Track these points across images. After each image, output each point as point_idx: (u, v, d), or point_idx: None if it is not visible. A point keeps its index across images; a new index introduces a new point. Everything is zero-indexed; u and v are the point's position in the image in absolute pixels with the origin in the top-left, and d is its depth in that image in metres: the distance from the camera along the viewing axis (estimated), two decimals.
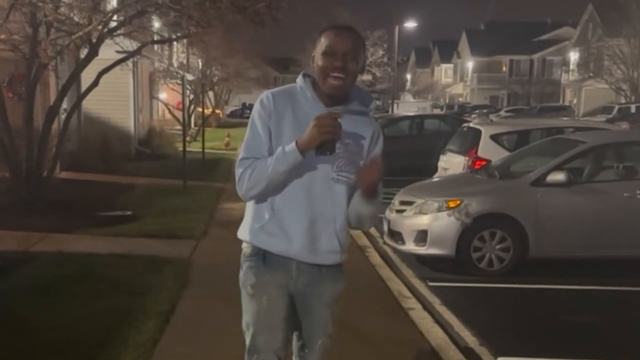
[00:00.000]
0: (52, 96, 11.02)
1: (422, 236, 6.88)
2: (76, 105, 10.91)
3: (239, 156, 2.49)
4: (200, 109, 23.10)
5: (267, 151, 2.43)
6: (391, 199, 7.74)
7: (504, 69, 61.70)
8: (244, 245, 2.60)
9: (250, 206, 2.55)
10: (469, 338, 4.94)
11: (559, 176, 6.82)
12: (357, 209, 2.51)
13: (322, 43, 2.41)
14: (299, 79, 2.52)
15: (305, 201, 2.45)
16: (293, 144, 2.34)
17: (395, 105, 37.77)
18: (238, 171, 2.45)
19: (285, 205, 2.46)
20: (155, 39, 12.18)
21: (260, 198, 2.49)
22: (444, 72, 71.49)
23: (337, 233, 2.53)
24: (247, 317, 2.60)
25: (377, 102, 52.82)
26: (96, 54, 9.37)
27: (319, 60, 2.41)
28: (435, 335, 4.85)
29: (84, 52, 9.57)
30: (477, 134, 10.16)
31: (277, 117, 2.44)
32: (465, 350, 4.67)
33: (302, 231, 2.46)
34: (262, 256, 2.52)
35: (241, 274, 2.59)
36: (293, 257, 2.49)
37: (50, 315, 4.82)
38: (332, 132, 2.29)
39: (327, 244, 2.51)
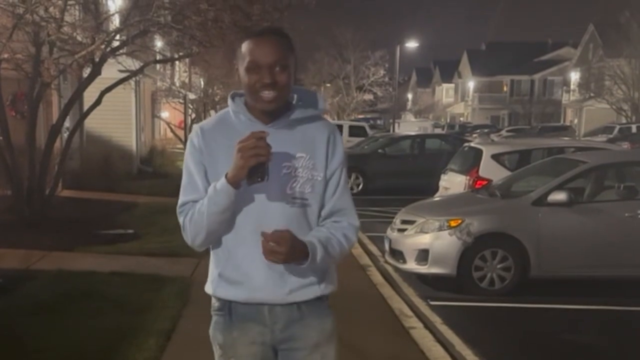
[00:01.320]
0: (55, 115, 11.08)
1: (423, 255, 6.88)
2: (78, 124, 10.96)
3: (178, 204, 2.21)
4: None
5: (205, 191, 2.12)
6: (392, 218, 7.75)
7: (505, 89, 62.01)
8: (212, 297, 2.29)
9: (211, 253, 2.25)
10: (470, 357, 4.93)
11: (560, 196, 6.82)
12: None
13: (244, 56, 2.08)
14: (229, 102, 2.21)
15: (260, 235, 2.04)
16: (223, 179, 2.02)
17: (396, 125, 37.87)
18: (180, 220, 2.18)
19: (238, 245, 2.13)
20: (157, 58, 12.27)
21: (212, 244, 2.19)
22: (445, 92, 71.83)
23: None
24: None
25: (379, 121, 52.79)
26: (99, 73, 9.44)
27: (243, 76, 2.09)
28: (436, 354, 4.83)
29: (86, 71, 9.64)
30: (478, 153, 10.19)
31: (209, 150, 2.13)
32: None
33: (262, 271, 2.10)
34: (227, 310, 2.20)
35: (210, 328, 2.29)
36: (262, 302, 2.14)
37: (51, 334, 4.80)
38: (258, 155, 1.95)
39: (297, 278, 2.13)
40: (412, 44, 38.91)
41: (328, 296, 2.25)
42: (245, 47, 2.08)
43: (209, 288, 2.26)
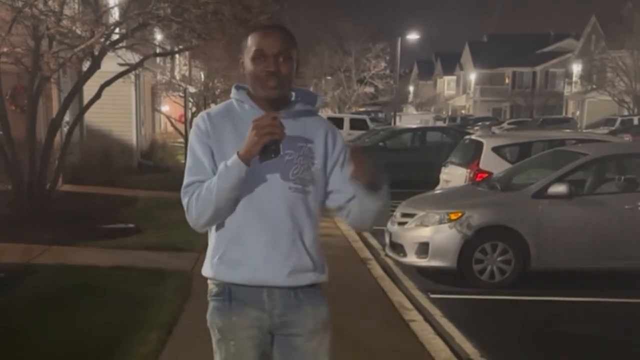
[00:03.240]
0: (55, 109, 11.06)
1: (423, 248, 6.88)
2: (78, 118, 10.96)
3: (183, 185, 2.26)
4: None
5: (212, 172, 2.19)
6: (393, 211, 7.75)
7: (506, 81, 61.87)
8: (208, 281, 2.35)
9: (210, 237, 2.32)
10: (470, 350, 4.94)
11: (560, 188, 6.82)
12: (361, 204, 2.26)
13: (250, 47, 2.20)
14: (233, 93, 2.33)
15: (262, 218, 2.19)
16: (234, 156, 2.10)
17: (397, 118, 37.83)
18: (184, 201, 2.23)
19: (241, 227, 2.21)
20: (157, 51, 12.24)
21: (214, 225, 2.26)
22: (446, 84, 71.69)
23: (306, 249, 2.25)
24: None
25: (380, 114, 52.91)
26: (98, 67, 9.43)
27: (249, 66, 2.21)
28: (436, 347, 4.84)
29: (86, 65, 9.62)
30: (478, 146, 10.17)
31: (216, 135, 2.23)
32: None
33: (264, 252, 2.20)
34: (227, 294, 2.26)
35: (207, 314, 2.35)
36: (260, 283, 2.22)
37: (53, 328, 4.82)
38: (274, 132, 2.06)
39: (296, 262, 2.23)
40: (413, 36, 38.85)
41: (321, 285, 2.34)
42: (251, 39, 2.22)
43: (207, 272, 2.32)
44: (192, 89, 23.99)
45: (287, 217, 2.22)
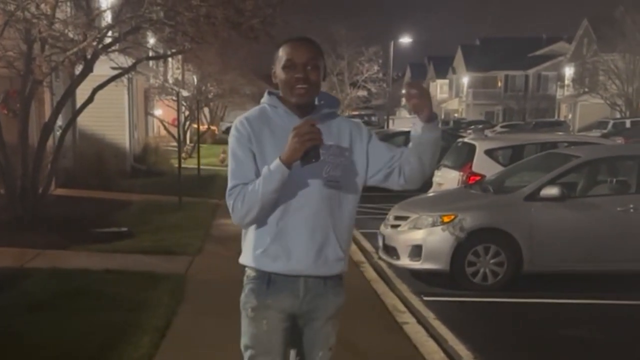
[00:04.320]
0: (47, 113, 11.03)
1: (416, 251, 6.89)
2: (71, 122, 10.93)
3: (227, 187, 2.45)
4: (195, 126, 23.15)
5: (255, 175, 2.40)
6: (386, 214, 7.76)
7: (499, 84, 62.03)
8: (247, 268, 2.55)
9: (249, 232, 2.51)
10: (463, 352, 4.95)
11: (552, 191, 6.84)
12: (420, 141, 2.46)
13: (281, 57, 2.43)
14: (265, 98, 2.54)
15: (303, 215, 2.42)
16: (277, 160, 2.31)
17: (390, 121, 37.87)
18: (229, 202, 2.42)
19: (284, 224, 2.43)
20: (150, 55, 12.23)
21: (257, 222, 2.45)
22: (439, 88, 71.80)
23: (338, 240, 2.49)
24: (245, 339, 2.56)
25: (373, 118, 52.83)
26: (91, 70, 9.41)
27: (280, 74, 2.43)
28: (429, 349, 4.85)
29: (78, 69, 9.60)
30: (471, 149, 10.21)
31: (256, 139, 2.43)
32: None
33: (305, 246, 2.44)
34: (266, 279, 2.48)
35: (242, 295, 2.55)
36: (300, 273, 2.46)
37: (46, 332, 4.81)
38: (314, 139, 2.26)
39: (331, 252, 2.48)
40: (406, 40, 38.99)
41: (343, 274, 2.60)
42: (282, 50, 2.44)
43: (248, 261, 2.51)
44: (185, 93, 23.96)
45: (323, 212, 2.44)
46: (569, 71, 47.95)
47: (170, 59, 22.14)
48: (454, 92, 67.30)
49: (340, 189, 2.48)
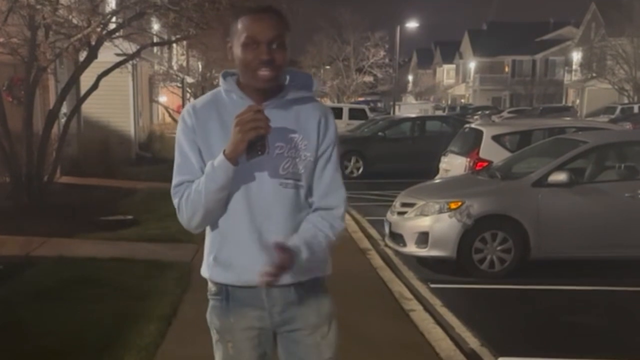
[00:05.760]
0: (52, 100, 11.02)
1: (423, 238, 6.86)
2: (76, 109, 10.92)
3: (172, 184, 2.16)
4: None
5: (201, 170, 2.08)
6: (392, 201, 7.73)
7: (506, 69, 61.74)
8: (208, 280, 2.26)
9: (206, 236, 2.23)
10: (470, 339, 4.93)
11: (560, 177, 6.79)
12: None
13: (240, 32, 2.01)
14: (220, 80, 2.17)
15: (254, 217, 2.08)
16: (221, 155, 1.99)
17: (397, 107, 37.74)
18: (175, 201, 2.13)
19: (232, 227, 2.11)
20: (154, 41, 12.17)
21: (209, 224, 2.17)
22: (446, 73, 71.53)
23: None
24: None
25: (379, 104, 52.50)
26: (95, 57, 9.38)
27: (239, 53, 2.03)
28: (436, 336, 4.84)
29: (83, 55, 9.57)
30: (478, 135, 10.14)
31: (202, 130, 2.09)
32: (467, 350, 4.66)
33: (257, 252, 2.07)
34: (224, 294, 2.17)
35: (207, 313, 2.28)
36: (255, 283, 2.08)
37: (52, 320, 4.81)
38: (258, 127, 1.93)
39: None
40: (412, 25, 38.70)
41: (324, 278, 2.25)
42: (241, 23, 2.03)
43: (204, 272, 2.24)
44: (189, 79, 23.95)
45: (279, 214, 2.10)
46: (576, 56, 47.66)
47: (174, 45, 22.05)
48: (461, 77, 67.00)
49: (301, 188, 2.12)
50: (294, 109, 2.13)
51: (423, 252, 6.94)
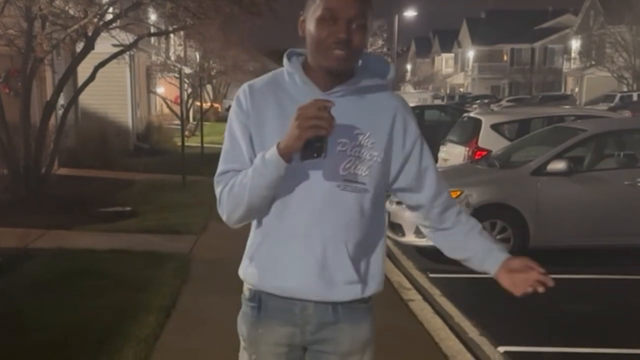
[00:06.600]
0: (49, 91, 10.98)
1: None
2: (73, 100, 10.88)
3: (217, 171, 1.91)
4: (198, 103, 23.04)
5: (250, 160, 1.83)
6: None
7: (505, 58, 61.61)
8: (244, 282, 2.03)
9: (251, 229, 1.97)
10: (469, 328, 4.93)
11: (559, 165, 6.78)
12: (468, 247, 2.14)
13: (317, 4, 1.74)
14: (284, 60, 1.89)
15: (305, 220, 1.81)
16: (274, 149, 1.71)
17: None
18: (217, 190, 1.87)
19: (275, 228, 1.85)
20: (151, 31, 12.12)
21: (252, 219, 1.91)
22: (444, 62, 71.38)
23: (351, 258, 1.85)
24: None
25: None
26: (92, 48, 9.34)
27: (312, 28, 1.75)
28: (435, 325, 4.84)
29: (80, 46, 9.53)
30: (477, 123, 10.12)
31: (257, 114, 1.83)
32: (466, 340, 4.66)
33: (303, 259, 1.83)
34: (257, 301, 1.93)
35: (238, 316, 2.03)
36: (293, 295, 1.86)
37: (51, 312, 4.80)
38: (319, 127, 1.63)
39: (339, 273, 1.85)
40: (410, 14, 38.66)
41: (366, 298, 1.97)
42: None
43: (240, 272, 1.99)
44: (187, 70, 23.82)
45: (331, 221, 1.82)
46: (575, 44, 47.58)
47: (172, 36, 21.96)
48: (460, 66, 66.87)
49: (364, 192, 1.84)
50: (366, 99, 1.86)
51: (422, 241, 6.92)
